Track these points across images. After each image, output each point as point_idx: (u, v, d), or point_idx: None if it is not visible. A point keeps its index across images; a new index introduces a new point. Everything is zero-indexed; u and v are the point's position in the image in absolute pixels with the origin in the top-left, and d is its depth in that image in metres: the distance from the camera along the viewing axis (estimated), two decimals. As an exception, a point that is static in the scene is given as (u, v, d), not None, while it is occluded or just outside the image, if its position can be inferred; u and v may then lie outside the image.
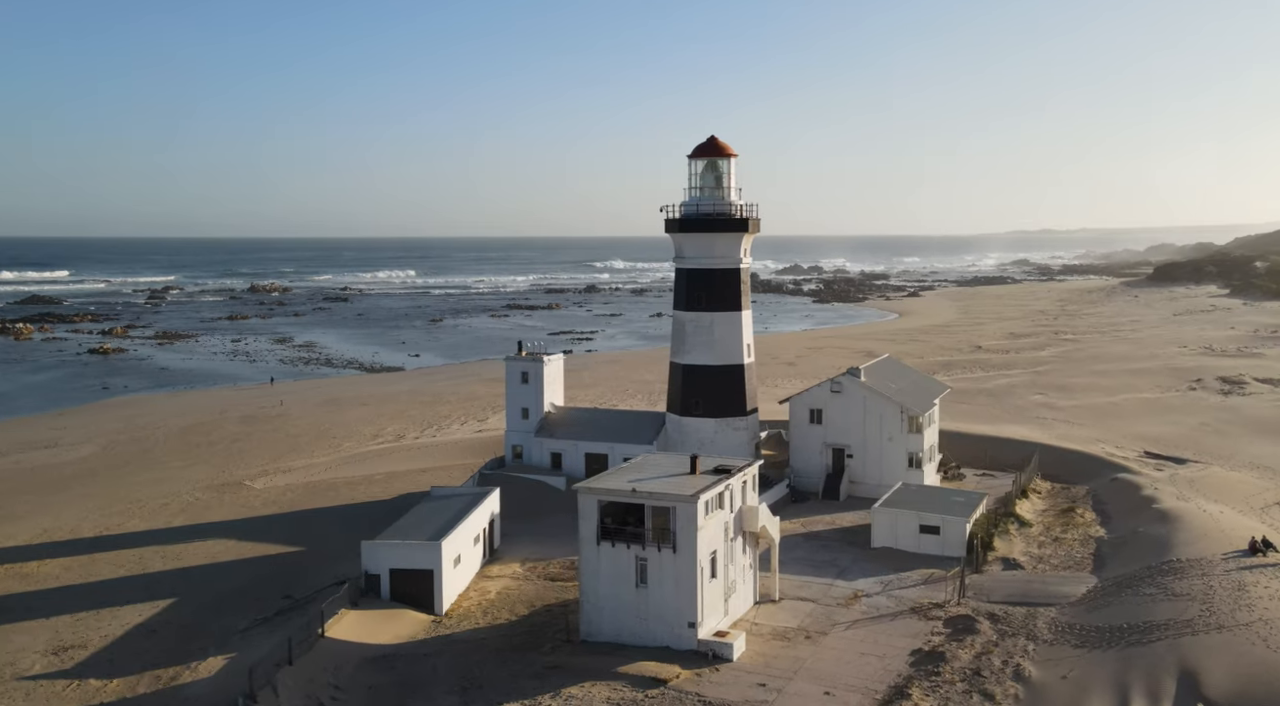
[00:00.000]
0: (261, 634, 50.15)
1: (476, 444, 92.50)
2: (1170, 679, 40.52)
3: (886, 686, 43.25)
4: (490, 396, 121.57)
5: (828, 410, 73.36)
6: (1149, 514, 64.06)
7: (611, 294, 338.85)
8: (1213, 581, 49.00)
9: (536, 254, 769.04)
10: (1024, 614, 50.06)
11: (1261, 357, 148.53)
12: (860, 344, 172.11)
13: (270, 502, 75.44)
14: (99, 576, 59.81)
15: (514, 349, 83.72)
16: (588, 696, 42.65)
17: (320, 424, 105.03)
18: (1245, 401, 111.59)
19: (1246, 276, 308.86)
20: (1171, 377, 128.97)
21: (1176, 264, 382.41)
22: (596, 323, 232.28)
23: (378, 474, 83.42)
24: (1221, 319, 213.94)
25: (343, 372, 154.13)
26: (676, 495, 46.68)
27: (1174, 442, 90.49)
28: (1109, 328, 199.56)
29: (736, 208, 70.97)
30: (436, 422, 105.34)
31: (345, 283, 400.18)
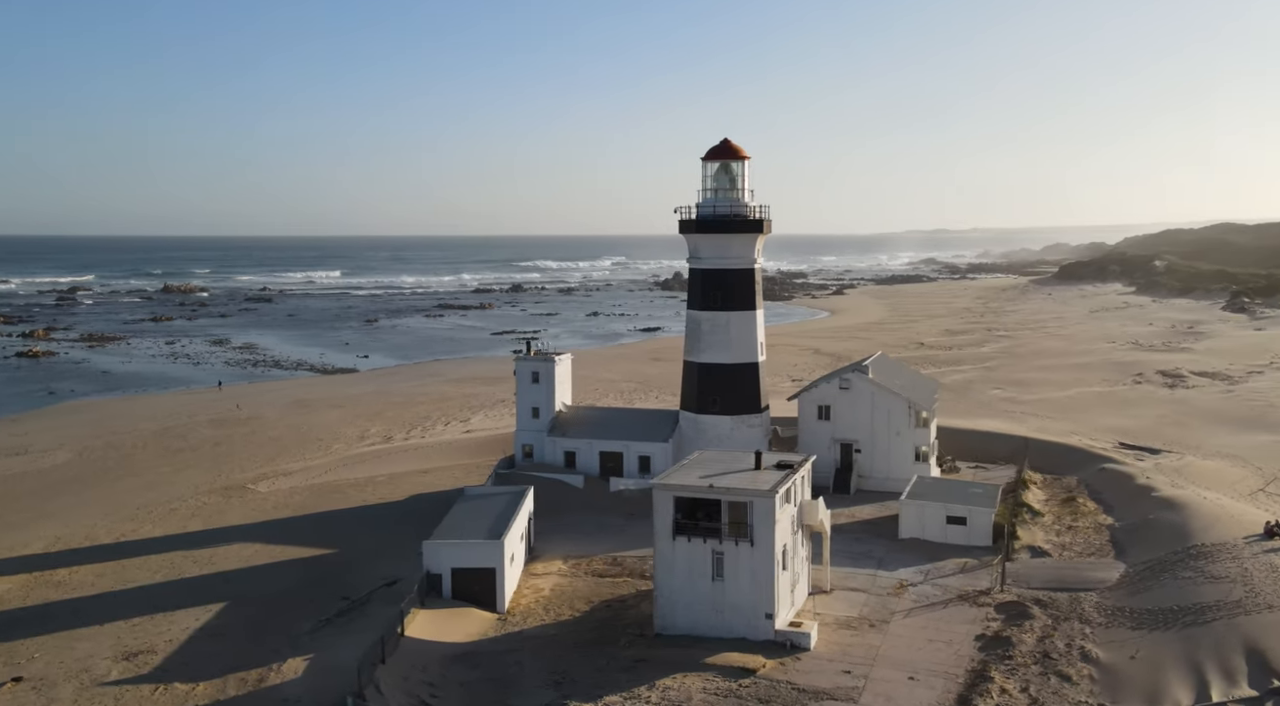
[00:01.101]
0: (330, 635, 50.11)
1: (470, 444, 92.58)
2: (1239, 657, 43.30)
3: (965, 670, 45.28)
4: (461, 397, 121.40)
5: (836, 406, 75.48)
6: (1152, 502, 67.43)
7: (539, 293, 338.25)
8: (1245, 564, 52.18)
9: (452, 253, 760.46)
10: (1068, 599, 52.67)
11: (1190, 352, 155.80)
12: (807, 342, 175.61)
13: (281, 506, 74.67)
14: (136, 582, 58.81)
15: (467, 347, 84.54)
16: (683, 687, 43.79)
17: (299, 427, 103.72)
18: (1191, 394, 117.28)
19: (1149, 275, 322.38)
20: (1115, 372, 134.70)
21: (1081, 263, 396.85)
22: (535, 322, 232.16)
23: (379, 475, 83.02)
24: (1137, 315, 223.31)
25: (296, 374, 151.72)
26: (754, 490, 48.11)
27: (1139, 434, 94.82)
28: (1036, 324, 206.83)
29: (751, 209, 72.62)
30: (418, 424, 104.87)
31: (264, 283, 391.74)
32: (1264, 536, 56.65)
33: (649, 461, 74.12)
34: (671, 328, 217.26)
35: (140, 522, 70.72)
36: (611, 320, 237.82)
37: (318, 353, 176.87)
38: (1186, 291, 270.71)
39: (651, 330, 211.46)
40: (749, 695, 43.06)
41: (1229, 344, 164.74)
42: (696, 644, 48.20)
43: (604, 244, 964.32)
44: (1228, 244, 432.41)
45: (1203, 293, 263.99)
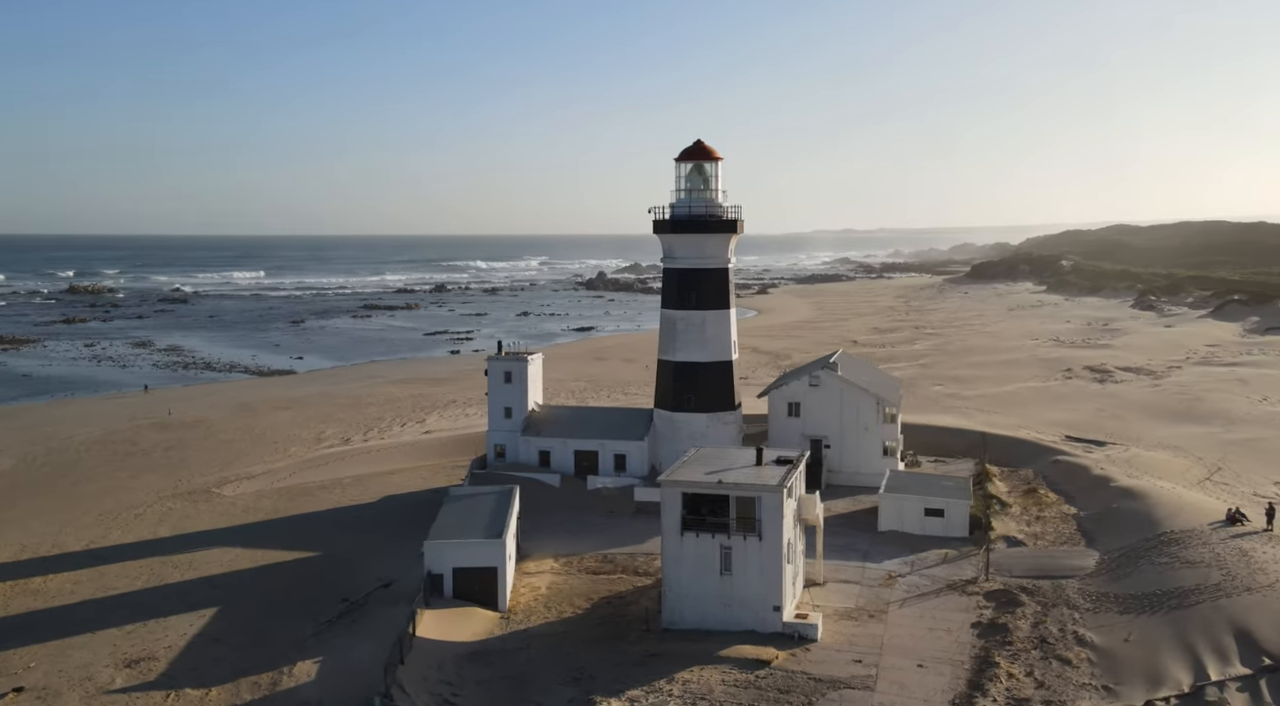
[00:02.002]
0: (335, 637, 49.75)
1: (432, 445, 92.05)
2: (1228, 637, 45.61)
3: (969, 657, 46.88)
4: (409, 398, 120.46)
5: (805, 402, 76.97)
6: (1111, 492, 70.21)
7: (464, 293, 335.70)
8: (1216, 549, 54.82)
9: (371, 253, 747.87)
10: (1051, 586, 54.77)
11: (1110, 348, 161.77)
12: (743, 341, 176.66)
13: (251, 510, 73.52)
14: (118, 588, 57.57)
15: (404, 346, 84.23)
16: (702, 680, 44.59)
17: (250, 430, 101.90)
18: (1121, 388, 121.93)
19: (1058, 274, 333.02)
20: (1045, 368, 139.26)
21: (992, 263, 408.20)
22: (465, 323, 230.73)
23: (345, 477, 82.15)
24: (1053, 314, 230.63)
25: (231, 377, 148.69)
26: (763, 485, 49.14)
27: (1080, 427, 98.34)
28: (961, 322, 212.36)
29: (725, 210, 73.70)
30: (373, 426, 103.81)
31: (177, 283, 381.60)
32: (1226, 523, 59.50)
33: (624, 460, 74.75)
34: (605, 327, 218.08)
35: (107, 529, 69.02)
36: (543, 320, 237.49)
37: (249, 354, 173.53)
38: (1095, 290, 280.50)
39: (585, 330, 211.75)
40: (768, 686, 44.03)
41: (1145, 341, 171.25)
42: (706, 637, 49.01)
43: (526, 244, 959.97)
44: (1123, 244, 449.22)
45: (1110, 291, 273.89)
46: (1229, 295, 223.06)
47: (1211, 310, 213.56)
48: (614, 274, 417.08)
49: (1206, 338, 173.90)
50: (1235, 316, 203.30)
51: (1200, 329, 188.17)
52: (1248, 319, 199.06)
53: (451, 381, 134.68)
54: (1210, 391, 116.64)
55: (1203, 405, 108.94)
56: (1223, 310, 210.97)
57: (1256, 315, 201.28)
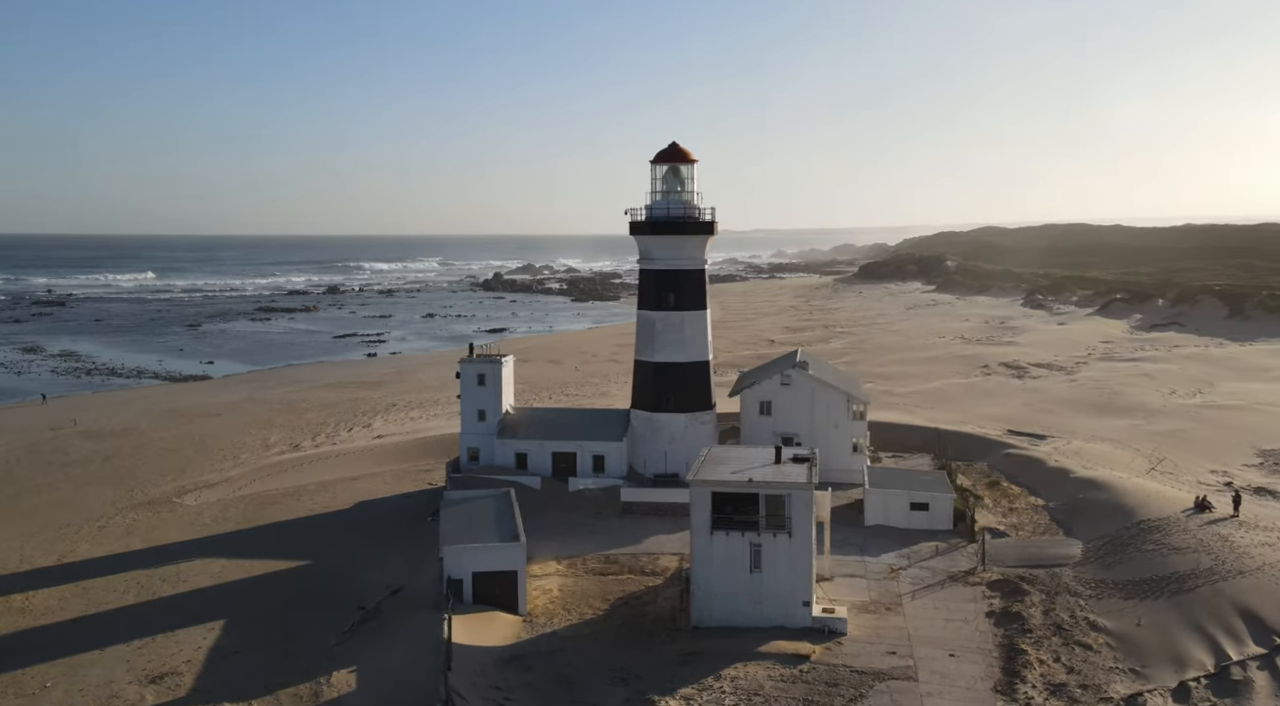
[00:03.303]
0: (360, 645, 48.80)
1: (390, 450, 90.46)
2: (1235, 618, 48.31)
3: (995, 645, 48.50)
4: (346, 402, 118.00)
5: (776, 401, 78.27)
6: (1074, 483, 73.29)
7: (359, 294, 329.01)
8: (1198, 536, 57.85)
9: (253, 253, 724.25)
10: (1047, 575, 56.96)
11: (1015, 345, 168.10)
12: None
13: (221, 519, 71.21)
14: (110, 603, 55.26)
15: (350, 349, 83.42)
16: (750, 676, 45.21)
17: (189, 437, 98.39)
18: (1040, 383, 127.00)
19: (944, 274, 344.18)
20: (963, 365, 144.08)
21: (880, 263, 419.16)
22: (372, 325, 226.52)
23: (309, 484, 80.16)
24: (949, 312, 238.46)
25: (142, 383, 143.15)
26: (793, 483, 50.01)
27: (1014, 421, 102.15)
28: (866, 321, 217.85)
29: (701, 211, 74.49)
30: (318, 431, 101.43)
31: (50, 284, 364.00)
32: (1196, 510, 62.83)
33: (603, 460, 74.85)
34: (516, 328, 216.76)
35: (73, 543, 66.02)
36: (451, 322, 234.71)
37: (155, 359, 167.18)
38: (983, 290, 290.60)
39: (498, 332, 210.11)
40: (816, 680, 44.90)
41: (1044, 338, 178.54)
42: (737, 634, 49.58)
43: (419, 244, 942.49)
44: (995, 245, 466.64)
45: (998, 291, 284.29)
46: (1111, 294, 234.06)
47: (1098, 308, 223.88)
48: (509, 275, 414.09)
49: (1099, 334, 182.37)
50: (1120, 314, 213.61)
51: (1091, 326, 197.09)
52: (1131, 316, 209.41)
53: (383, 385, 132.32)
54: (1125, 386, 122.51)
55: (1121, 399, 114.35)
56: (1108, 308, 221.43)
57: (1139, 313, 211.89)
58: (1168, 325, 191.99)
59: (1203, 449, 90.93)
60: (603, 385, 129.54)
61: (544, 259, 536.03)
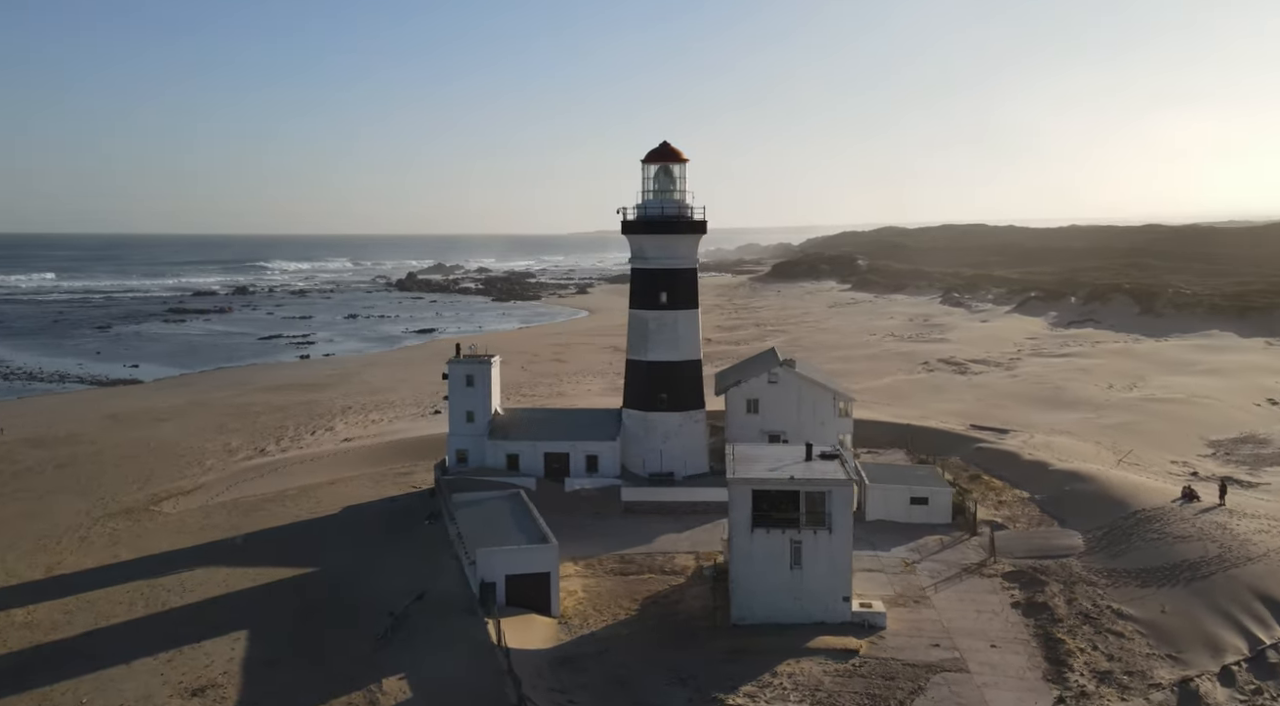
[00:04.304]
0: (401, 652, 47.55)
1: (363, 453, 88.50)
2: (1257, 603, 50.20)
3: (1031, 635, 49.59)
4: (299, 406, 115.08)
5: (764, 399, 78.79)
6: (1054, 475, 75.30)
7: (270, 295, 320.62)
8: (1197, 524, 59.95)
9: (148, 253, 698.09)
10: (1057, 565, 58.47)
11: (947, 342, 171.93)
12: (602, 340, 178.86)
13: (208, 527, 68.79)
14: (119, 616, 52.96)
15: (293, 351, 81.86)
16: (806, 672, 45.46)
17: (144, 444, 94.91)
18: (984, 379, 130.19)
19: (858, 273, 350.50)
20: (905, 362, 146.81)
21: (793, 262, 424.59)
22: (294, 326, 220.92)
23: (289, 489, 77.91)
24: (872, 310, 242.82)
25: (66, 387, 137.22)
26: (834, 480, 50.44)
27: (974, 416, 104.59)
28: (794, 319, 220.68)
29: (692, 210, 74.60)
30: (280, 435, 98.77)
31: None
32: (1185, 500, 65.10)
33: (597, 460, 74.39)
34: (445, 329, 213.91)
35: (57, 554, 63.09)
36: (375, 322, 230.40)
37: (74, 363, 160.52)
38: (900, 288, 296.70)
39: (428, 332, 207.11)
40: (871, 674, 45.37)
41: (972, 334, 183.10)
42: (779, 631, 49.77)
43: (325, 244, 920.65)
44: (898, 245, 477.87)
45: (915, 289, 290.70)
46: (1026, 293, 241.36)
47: (1015, 306, 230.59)
48: (423, 275, 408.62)
49: (1022, 331, 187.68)
50: (1036, 311, 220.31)
51: (1013, 323, 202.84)
52: (1048, 314, 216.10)
53: (328, 387, 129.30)
54: (1065, 380, 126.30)
55: (1065, 393, 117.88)
56: (1025, 306, 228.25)
57: (1054, 310, 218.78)
58: (1084, 322, 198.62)
59: (1156, 440, 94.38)
60: (556, 385, 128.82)
61: (455, 258, 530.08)
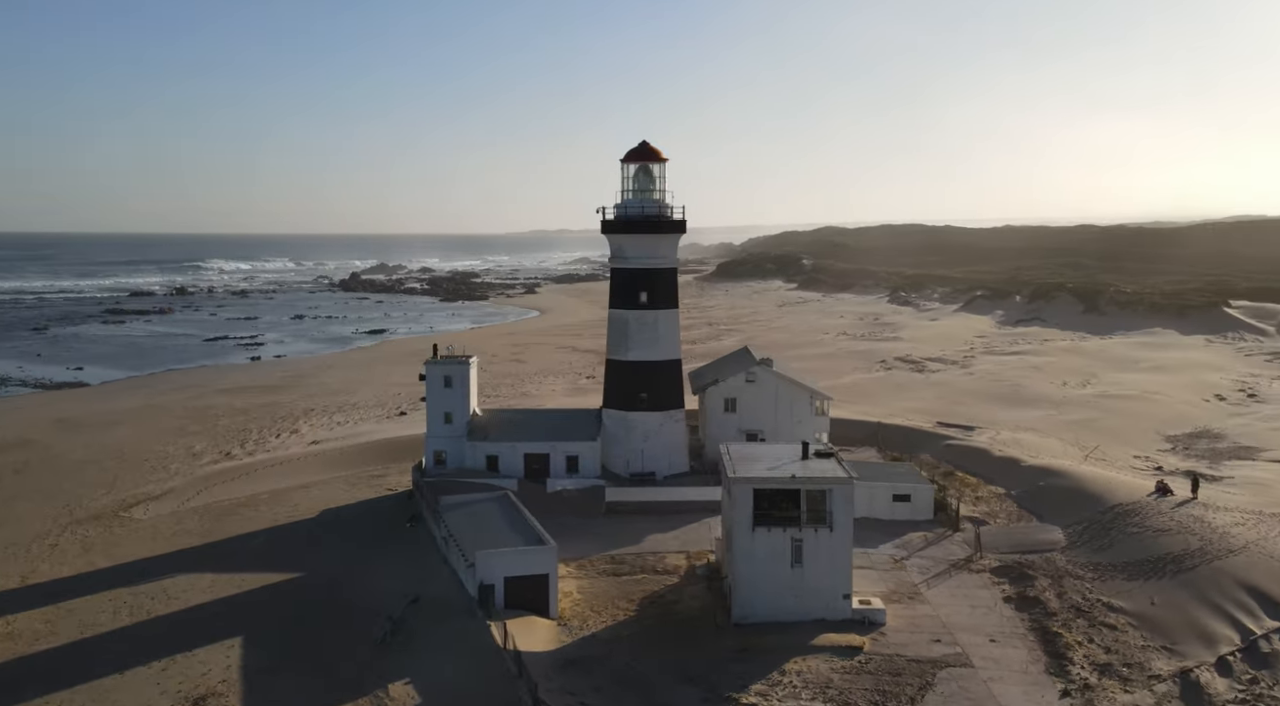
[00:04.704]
0: (402, 657, 46.90)
1: (335, 456, 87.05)
2: (1243, 594, 51.42)
3: (1027, 629, 50.32)
4: (259, 408, 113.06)
5: (742, 398, 78.99)
6: (1028, 471, 76.38)
7: (210, 296, 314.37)
8: (1175, 518, 61.25)
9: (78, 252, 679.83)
10: (1042, 560, 59.37)
11: (900, 340, 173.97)
12: (558, 340, 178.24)
13: (182, 532, 67.24)
14: (105, 625, 51.56)
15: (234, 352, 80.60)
16: (813, 670, 45.64)
17: (102, 448, 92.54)
18: (942, 377, 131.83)
19: (804, 272, 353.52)
20: (862, 360, 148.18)
21: (738, 261, 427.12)
22: (239, 327, 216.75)
23: (261, 493, 76.43)
24: (821, 309, 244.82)
25: (10, 392, 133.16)
26: (834, 478, 50.69)
27: (938, 414, 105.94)
28: (745, 319, 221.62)
29: (672, 210, 74.51)
30: (243, 438, 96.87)
31: None
32: (1159, 494, 66.44)
33: (577, 461, 73.99)
34: (396, 329, 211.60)
35: (29, 562, 61.26)
36: (323, 323, 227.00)
37: (14, 366, 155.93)
38: (846, 288, 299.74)
39: (378, 332, 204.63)
40: (878, 670, 45.65)
41: (924, 333, 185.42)
42: (781, 629, 49.87)
43: (265, 243, 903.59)
44: (840, 245, 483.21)
45: (861, 288, 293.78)
46: (972, 292, 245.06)
47: (962, 305, 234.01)
48: (367, 274, 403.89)
49: (972, 330, 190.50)
50: (983, 310, 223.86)
51: (962, 322, 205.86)
52: (994, 312, 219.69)
53: (285, 389, 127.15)
54: (1021, 378, 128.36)
55: (1024, 390, 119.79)
56: (971, 305, 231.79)
57: (1000, 309, 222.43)
58: (1031, 320, 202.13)
59: (1116, 436, 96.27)
60: (518, 385, 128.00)
61: (397, 258, 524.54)
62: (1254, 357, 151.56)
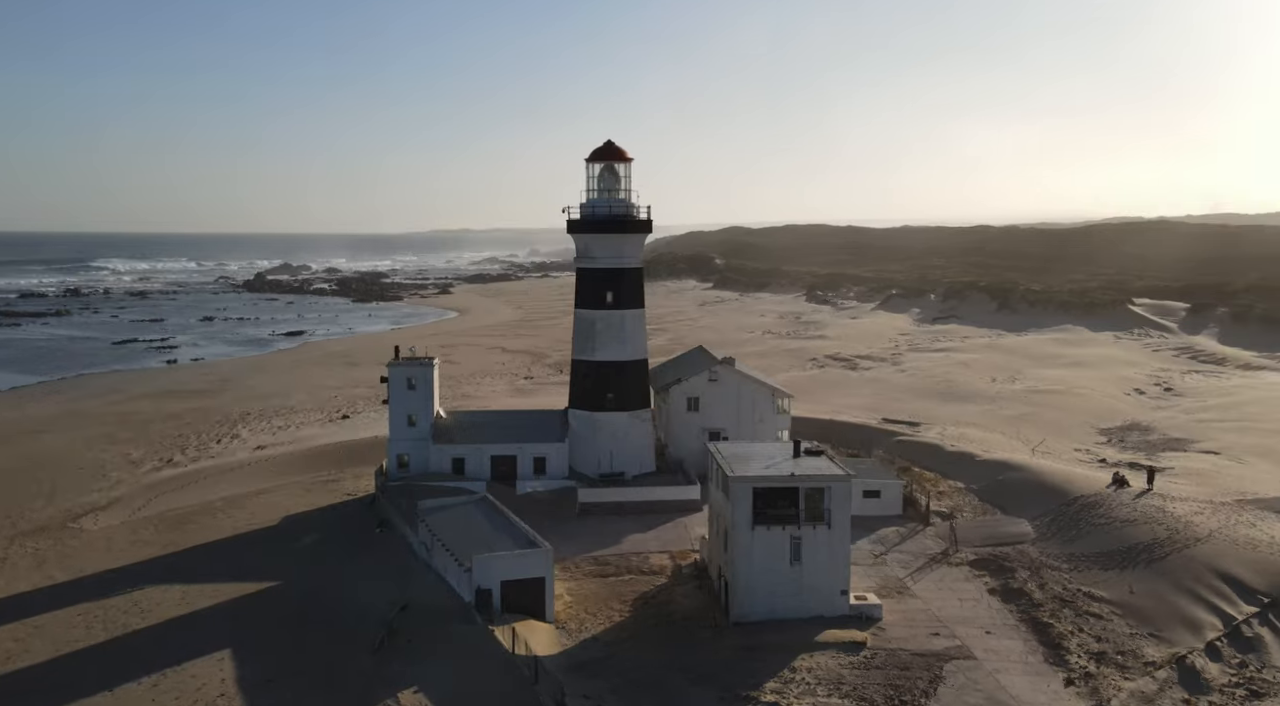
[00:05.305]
0: (405, 666, 45.68)
1: (285, 461, 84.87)
2: (1217, 581, 53.19)
3: (1018, 620, 51.37)
4: (192, 413, 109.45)
5: (704, 397, 79.06)
6: (984, 466, 78.02)
7: (107, 298, 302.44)
8: (1137, 509, 63.03)
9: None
10: (1015, 552, 60.70)
11: (826, 338, 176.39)
12: (486, 340, 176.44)
13: (140, 543, 64.64)
14: (80, 641, 49.25)
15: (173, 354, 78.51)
16: (823, 667, 45.90)
17: (28, 456, 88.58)
18: (875, 374, 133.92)
19: (717, 272, 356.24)
20: (794, 358, 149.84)
21: (650, 261, 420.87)
22: (146, 329, 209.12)
23: (215, 501, 73.93)
24: (741, 308, 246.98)
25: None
26: (832, 476, 51.06)
27: (879, 411, 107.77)
28: (670, 318, 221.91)
29: (639, 209, 74.22)
30: (183, 445, 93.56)
31: None
32: (1117, 486, 68.47)
33: (544, 462, 73.25)
34: (315, 331, 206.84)
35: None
36: (236, 325, 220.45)
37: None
38: (763, 287, 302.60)
39: (296, 334, 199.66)
40: (886, 665, 46.09)
41: (848, 331, 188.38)
42: (781, 626, 50.00)
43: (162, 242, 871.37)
44: (748, 244, 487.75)
45: (777, 287, 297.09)
46: (887, 290, 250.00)
47: (879, 303, 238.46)
48: (270, 275, 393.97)
49: (893, 328, 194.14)
50: (900, 308, 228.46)
51: (881, 320, 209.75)
52: (911, 310, 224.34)
53: (213, 393, 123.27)
54: (951, 374, 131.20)
55: (956, 387, 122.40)
56: (888, 303, 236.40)
57: (917, 307, 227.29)
58: (947, 318, 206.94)
59: (1053, 430, 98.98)
60: (456, 386, 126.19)
61: (301, 258, 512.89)
62: (1162, 353, 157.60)
